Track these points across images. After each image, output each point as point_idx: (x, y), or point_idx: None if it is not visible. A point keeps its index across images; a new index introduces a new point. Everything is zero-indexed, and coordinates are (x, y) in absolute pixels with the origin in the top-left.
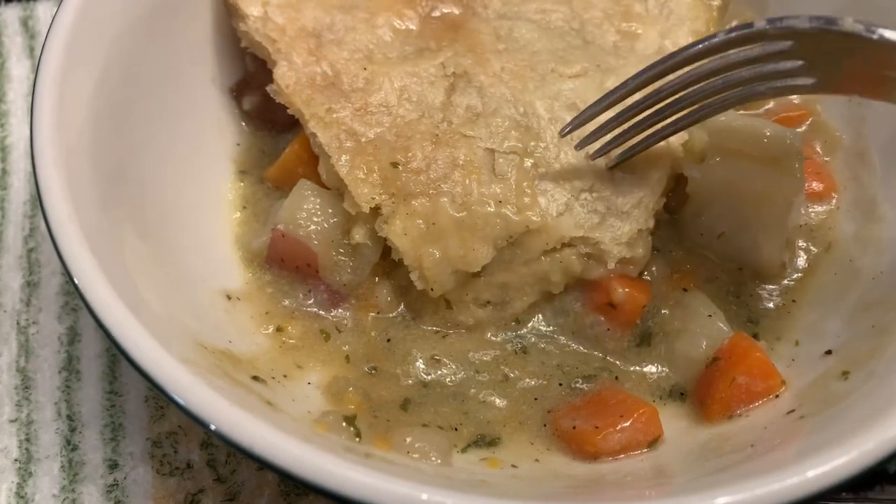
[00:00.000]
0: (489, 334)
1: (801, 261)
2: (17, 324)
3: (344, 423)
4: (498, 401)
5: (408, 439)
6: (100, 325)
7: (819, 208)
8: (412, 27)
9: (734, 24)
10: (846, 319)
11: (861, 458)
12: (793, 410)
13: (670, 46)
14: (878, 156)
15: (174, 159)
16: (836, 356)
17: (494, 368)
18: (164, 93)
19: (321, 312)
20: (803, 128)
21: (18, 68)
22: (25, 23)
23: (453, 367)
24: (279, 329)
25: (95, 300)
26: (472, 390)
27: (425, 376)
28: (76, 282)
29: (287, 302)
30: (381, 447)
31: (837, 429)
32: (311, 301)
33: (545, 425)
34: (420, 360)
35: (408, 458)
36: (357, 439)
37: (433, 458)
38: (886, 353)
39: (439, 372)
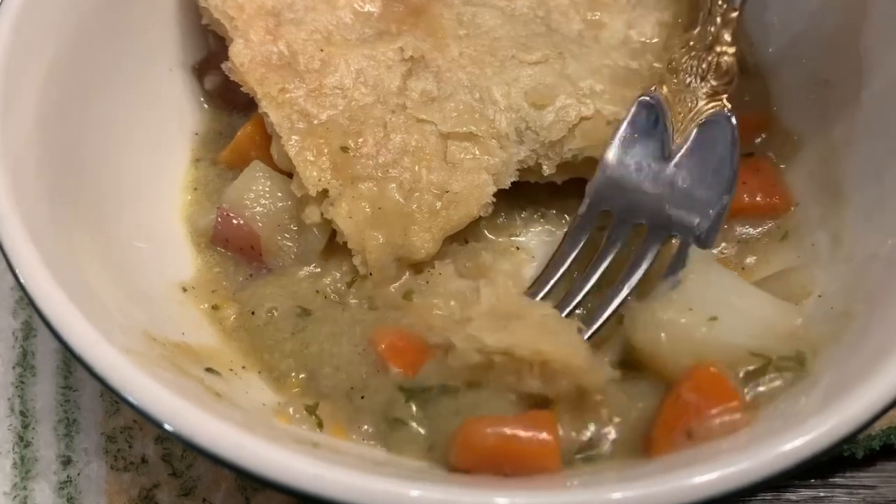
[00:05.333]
0: None
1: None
2: None
3: (305, 412)
4: None
5: (364, 427)
6: (40, 315)
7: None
8: (373, 10)
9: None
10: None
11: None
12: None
13: (636, 37)
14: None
15: (130, 147)
16: None
17: None
18: (122, 78)
19: None
20: (762, 135)
21: None
22: None
23: None
24: (215, 307)
25: (37, 291)
26: None
27: None
28: (17, 273)
29: (226, 283)
30: (338, 435)
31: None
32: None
33: None
34: None
35: (363, 447)
36: (319, 429)
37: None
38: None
39: None
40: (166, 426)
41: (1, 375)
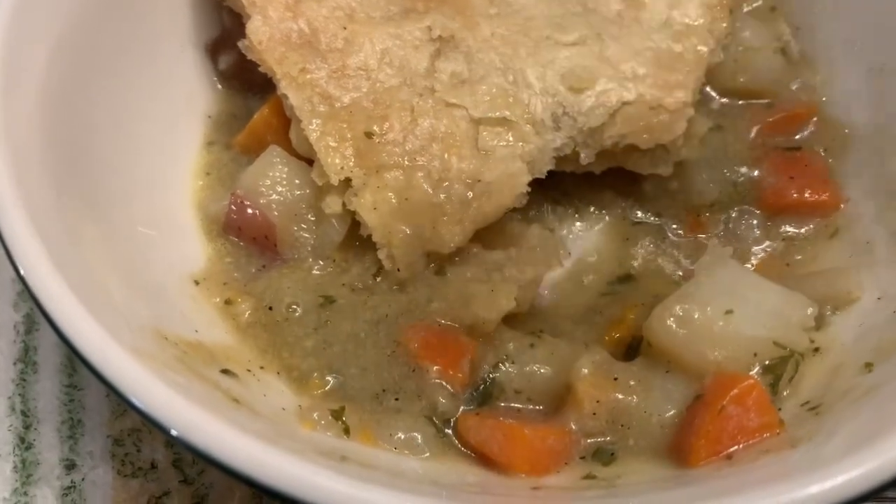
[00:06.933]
0: None
1: None
2: None
3: (331, 418)
4: None
5: (398, 435)
6: (42, 311)
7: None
8: None
9: None
10: None
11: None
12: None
13: (679, 18)
14: None
15: (140, 129)
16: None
17: None
18: (130, 57)
19: None
20: (809, 128)
21: None
22: None
23: None
24: (228, 302)
25: (39, 285)
26: None
27: None
28: (18, 265)
29: (237, 274)
30: (366, 442)
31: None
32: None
33: None
34: None
35: (394, 455)
36: (345, 435)
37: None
38: None
39: None
40: (181, 437)
41: (1, 372)
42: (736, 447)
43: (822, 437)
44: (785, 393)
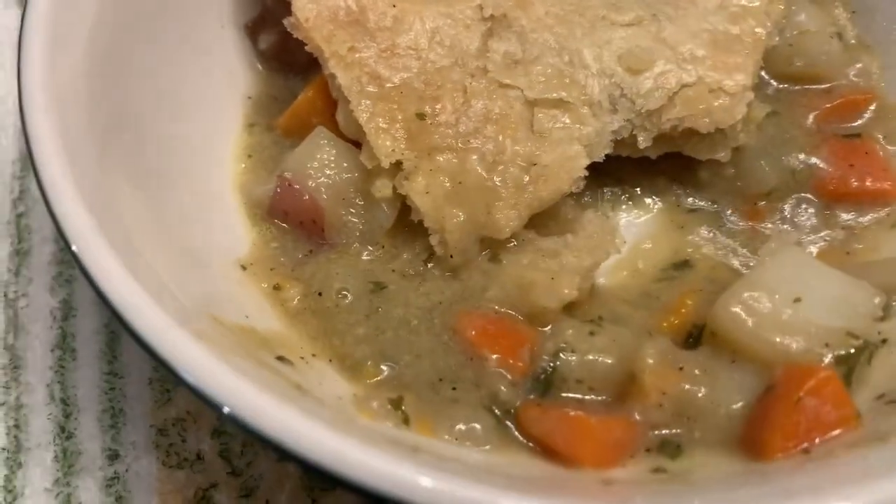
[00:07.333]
0: None
1: None
2: (5, 296)
3: (390, 407)
4: None
5: (458, 425)
6: (100, 294)
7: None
8: None
9: None
10: None
11: None
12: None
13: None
14: None
15: (179, 109)
16: None
17: None
18: (170, 35)
19: None
20: (867, 114)
21: (6, 16)
22: None
23: None
24: (276, 287)
25: (94, 266)
26: None
27: None
28: (72, 245)
29: (283, 259)
30: (425, 433)
31: None
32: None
33: None
34: None
35: (456, 446)
36: (405, 426)
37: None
38: None
39: None
40: (274, 438)
41: (39, 359)
42: (812, 441)
43: None
44: (857, 385)
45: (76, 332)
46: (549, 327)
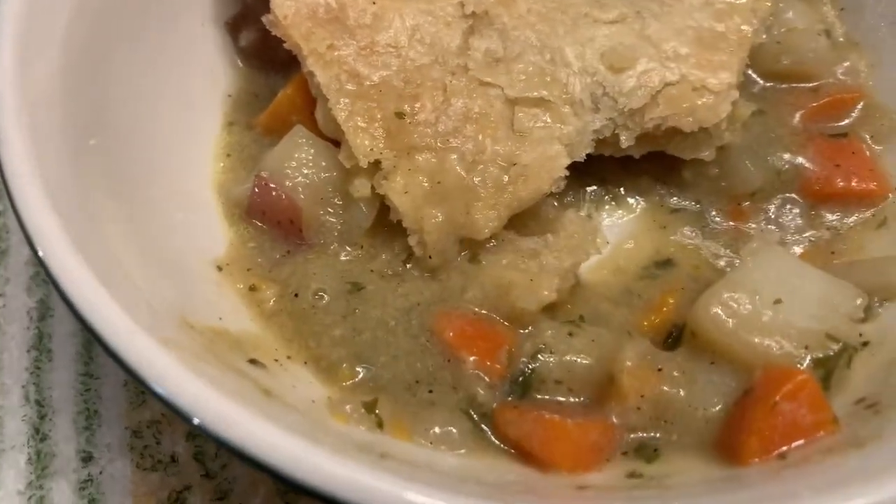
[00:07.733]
0: None
1: None
2: None
3: (363, 411)
4: None
5: (434, 429)
6: (65, 299)
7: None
8: None
9: None
10: None
11: None
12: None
13: None
14: None
15: (158, 107)
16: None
17: None
18: (149, 33)
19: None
20: (854, 113)
21: None
22: None
23: None
24: (252, 288)
25: (60, 270)
26: None
27: None
28: (37, 249)
29: (261, 260)
30: (400, 436)
31: None
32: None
33: None
34: None
35: (430, 451)
36: (379, 429)
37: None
38: None
39: None
40: (213, 432)
41: (15, 360)
42: (789, 446)
43: (890, 436)
44: (836, 389)
45: (52, 333)
46: (528, 329)
